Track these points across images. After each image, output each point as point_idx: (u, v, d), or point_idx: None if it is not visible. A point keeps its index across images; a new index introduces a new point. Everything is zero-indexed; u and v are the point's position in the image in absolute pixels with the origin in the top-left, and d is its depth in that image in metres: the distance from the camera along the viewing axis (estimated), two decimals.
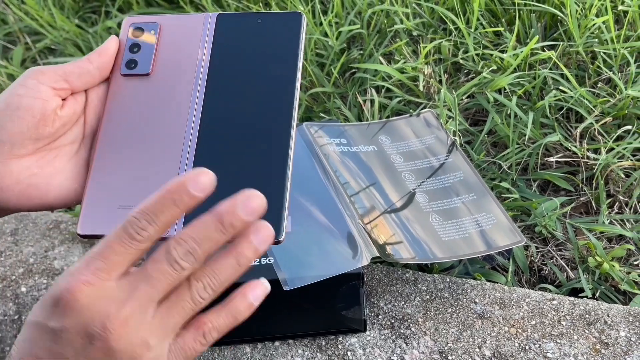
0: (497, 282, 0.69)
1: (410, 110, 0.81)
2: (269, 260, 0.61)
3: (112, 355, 0.38)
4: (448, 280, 0.68)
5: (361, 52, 0.92)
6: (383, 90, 0.86)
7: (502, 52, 0.85)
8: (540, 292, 0.66)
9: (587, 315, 0.63)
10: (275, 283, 0.59)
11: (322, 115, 0.87)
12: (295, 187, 0.68)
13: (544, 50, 0.83)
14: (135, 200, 0.46)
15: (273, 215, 0.44)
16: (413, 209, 0.68)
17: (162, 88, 0.51)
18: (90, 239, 0.69)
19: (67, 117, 0.49)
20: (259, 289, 0.43)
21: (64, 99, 0.49)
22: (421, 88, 0.83)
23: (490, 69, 0.82)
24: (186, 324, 0.41)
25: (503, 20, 0.90)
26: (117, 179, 0.49)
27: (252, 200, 0.40)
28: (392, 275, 0.69)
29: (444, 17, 0.93)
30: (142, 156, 0.49)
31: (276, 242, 0.44)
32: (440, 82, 0.85)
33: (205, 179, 0.39)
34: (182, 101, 0.50)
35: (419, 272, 0.70)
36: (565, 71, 0.79)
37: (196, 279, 0.40)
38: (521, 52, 0.81)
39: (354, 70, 0.91)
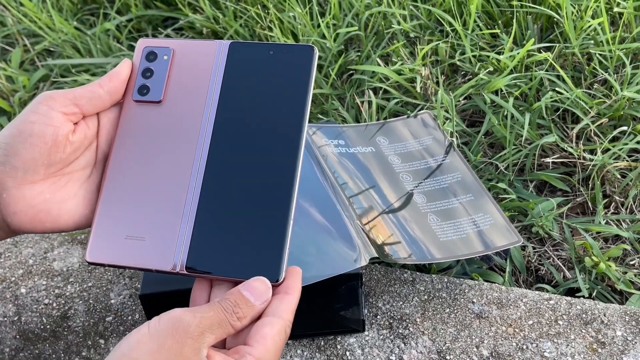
0: (495, 282, 0.69)
1: (408, 112, 0.81)
2: None
3: None
4: (446, 280, 0.69)
5: (359, 53, 0.92)
6: (381, 92, 0.87)
7: (499, 53, 0.85)
8: (537, 292, 0.67)
9: (583, 315, 0.64)
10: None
11: (320, 116, 0.87)
12: (299, 189, 0.69)
13: (540, 52, 0.84)
14: (142, 231, 0.48)
15: (273, 256, 0.47)
16: (411, 209, 0.68)
17: (172, 117, 0.51)
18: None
19: (79, 142, 0.50)
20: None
21: (75, 123, 0.50)
22: (418, 89, 0.83)
23: (487, 70, 0.83)
24: None
25: (499, 22, 0.90)
26: (125, 208, 0.50)
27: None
28: (390, 276, 0.70)
29: (440, 19, 0.94)
30: (150, 186, 0.50)
31: (275, 284, 0.47)
32: (437, 83, 0.86)
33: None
34: (191, 132, 0.51)
35: (417, 273, 0.70)
36: (562, 72, 0.80)
37: None
38: (518, 53, 0.82)
39: (351, 72, 0.92)
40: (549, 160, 0.79)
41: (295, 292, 0.48)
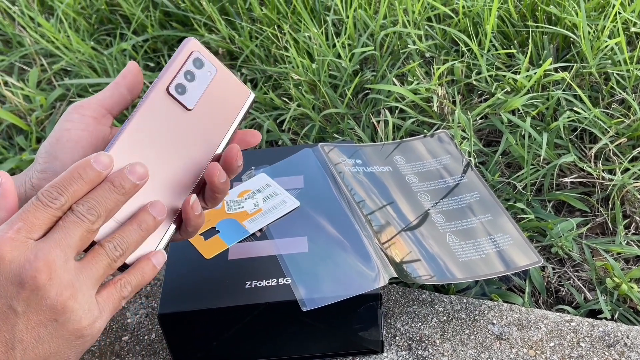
0: (515, 303, 0.68)
1: (425, 131, 0.81)
2: (286, 280, 0.61)
3: (44, 294, 0.42)
4: (465, 301, 0.68)
5: (374, 73, 0.92)
6: (397, 111, 0.87)
7: (515, 73, 0.85)
8: (558, 314, 0.66)
9: (606, 337, 0.63)
10: (292, 303, 0.58)
11: (335, 135, 0.87)
12: (312, 207, 0.69)
13: (557, 72, 0.84)
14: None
15: None
16: (429, 229, 0.68)
17: (195, 130, 0.52)
18: None
19: None
20: (160, 256, 0.49)
21: (110, 126, 0.53)
22: (435, 109, 0.83)
23: (505, 90, 0.82)
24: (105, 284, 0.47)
25: (515, 41, 0.90)
26: None
27: (137, 166, 0.47)
28: (408, 296, 0.69)
29: (455, 39, 0.94)
30: (154, 175, 0.50)
31: None
32: (453, 103, 0.86)
33: (104, 158, 0.46)
34: (206, 152, 0.53)
35: (436, 293, 0.69)
36: (580, 92, 0.80)
37: (107, 240, 0.46)
38: (535, 73, 0.82)
39: (366, 91, 0.92)
40: (567, 180, 0.78)
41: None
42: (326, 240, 0.65)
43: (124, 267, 0.48)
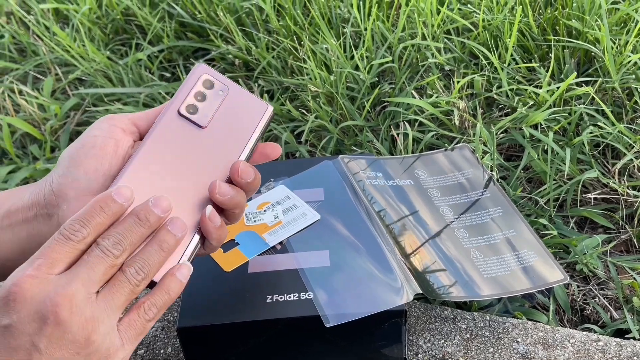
0: (539, 322, 0.67)
1: (446, 145, 0.80)
2: (308, 295, 0.59)
3: (66, 329, 0.41)
4: (488, 318, 0.66)
5: (392, 86, 0.91)
6: (416, 124, 0.86)
7: (536, 87, 0.84)
8: (584, 333, 0.64)
9: (635, 358, 0.61)
10: (315, 319, 0.57)
11: (353, 148, 0.86)
12: (333, 220, 0.67)
13: (580, 86, 0.83)
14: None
15: None
16: (453, 244, 0.67)
17: (210, 146, 0.52)
18: None
19: None
20: (184, 269, 0.48)
21: (135, 141, 0.52)
22: (456, 122, 0.82)
23: (528, 105, 0.81)
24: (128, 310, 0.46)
25: (535, 55, 0.90)
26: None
27: (162, 199, 0.47)
28: (430, 313, 0.68)
29: (474, 52, 0.93)
30: (171, 193, 0.49)
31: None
32: (473, 116, 0.85)
33: (126, 191, 0.46)
34: (223, 166, 0.52)
35: (458, 310, 0.68)
36: (604, 107, 0.79)
37: (128, 265, 0.45)
38: (557, 88, 0.81)
39: (384, 104, 0.91)
40: (590, 196, 0.77)
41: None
42: (348, 254, 0.63)
43: (150, 284, 0.47)
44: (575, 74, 0.80)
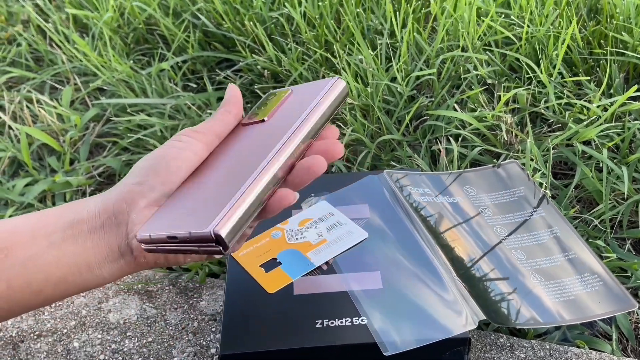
0: (603, 351, 0.62)
1: (494, 161, 0.76)
2: (361, 320, 0.54)
3: None
4: (548, 347, 0.61)
5: (431, 99, 0.87)
6: (460, 139, 0.81)
7: (588, 102, 0.80)
8: None
9: None
10: (371, 346, 0.52)
11: (392, 163, 0.82)
12: (381, 238, 0.63)
13: (635, 101, 0.78)
14: (194, 206, 0.46)
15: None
16: (512, 266, 0.62)
17: (269, 133, 0.50)
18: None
19: None
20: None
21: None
22: (505, 137, 0.78)
23: (584, 123, 0.77)
24: None
25: (581, 69, 0.86)
26: (191, 196, 0.47)
27: None
28: (484, 340, 0.63)
29: (513, 66, 0.89)
30: (217, 181, 0.47)
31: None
32: (522, 131, 0.80)
33: None
34: (269, 145, 0.48)
35: (514, 337, 0.63)
36: None
37: None
38: (610, 103, 0.77)
39: (422, 118, 0.87)
40: None
41: None
42: (402, 276, 0.59)
43: None
44: (635, 87, 0.76)
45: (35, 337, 0.67)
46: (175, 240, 0.43)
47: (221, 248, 0.41)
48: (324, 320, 0.55)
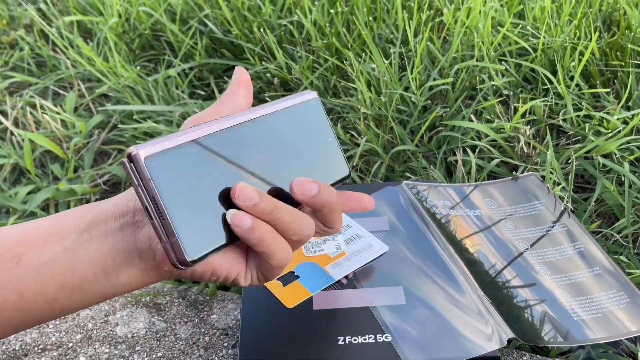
0: None
1: (513, 173, 0.74)
2: (385, 337, 0.52)
3: None
4: None
5: (445, 109, 0.86)
6: (477, 151, 0.80)
7: (607, 114, 0.79)
8: None
9: None
10: None
11: (407, 174, 0.80)
12: (402, 252, 0.61)
13: None
14: None
15: None
16: (537, 282, 0.60)
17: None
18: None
19: None
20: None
21: None
22: (525, 149, 0.76)
23: (605, 136, 0.75)
24: None
25: (598, 81, 0.84)
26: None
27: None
28: (506, 358, 0.60)
29: (527, 77, 0.88)
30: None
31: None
32: (540, 143, 0.79)
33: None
34: None
35: (537, 356, 0.61)
36: None
37: None
38: (631, 115, 0.75)
39: (436, 128, 0.85)
40: None
41: None
42: (425, 291, 0.57)
43: None
44: None
45: (40, 351, 0.64)
46: None
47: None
48: (346, 337, 0.52)
